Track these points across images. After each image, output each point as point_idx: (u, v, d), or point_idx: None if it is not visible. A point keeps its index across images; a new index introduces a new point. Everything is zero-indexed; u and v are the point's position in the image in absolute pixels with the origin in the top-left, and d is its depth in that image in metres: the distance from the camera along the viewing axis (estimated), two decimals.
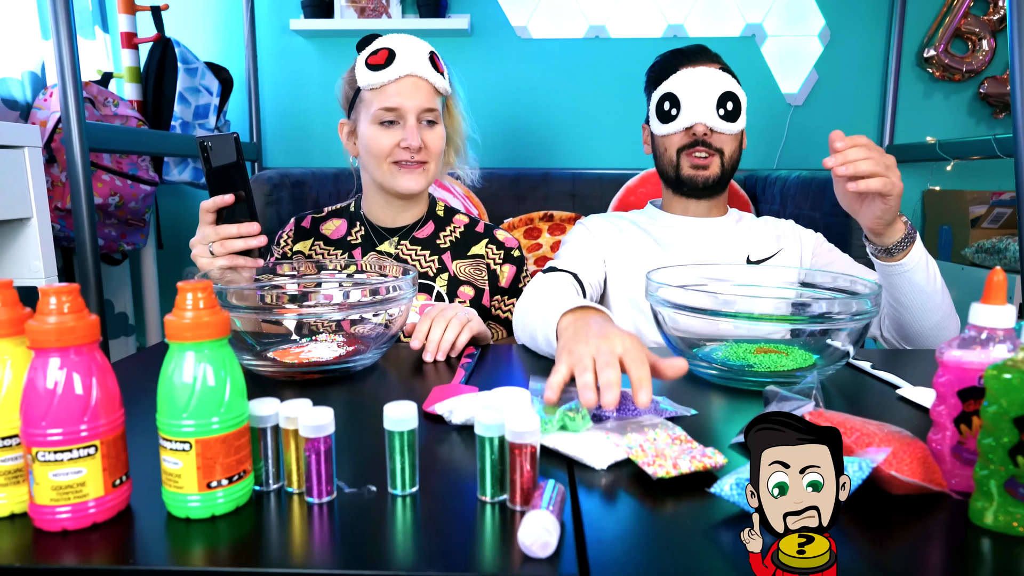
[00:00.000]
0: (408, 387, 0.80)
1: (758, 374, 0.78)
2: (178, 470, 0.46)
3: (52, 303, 0.44)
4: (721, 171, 1.19)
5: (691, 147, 1.18)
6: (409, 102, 1.09)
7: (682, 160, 1.19)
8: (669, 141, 1.20)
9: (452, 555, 0.44)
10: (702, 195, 1.22)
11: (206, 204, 0.90)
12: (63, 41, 1.31)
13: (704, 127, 1.16)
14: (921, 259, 0.96)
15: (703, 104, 1.15)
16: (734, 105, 1.16)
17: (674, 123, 1.17)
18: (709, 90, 1.15)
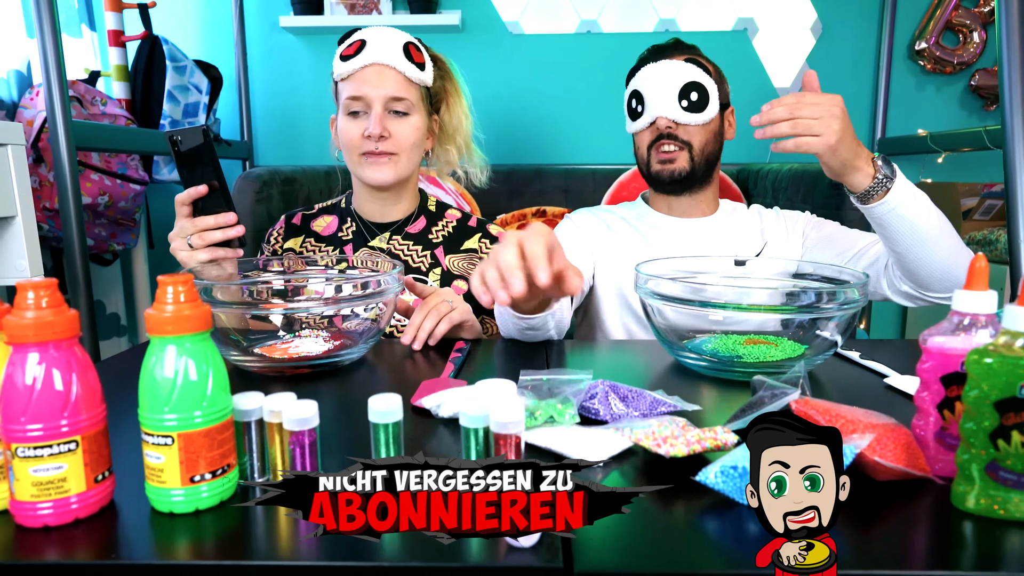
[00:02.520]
0: (396, 381, 0.80)
1: (747, 365, 0.78)
2: (161, 464, 0.46)
3: (30, 298, 0.44)
4: (691, 165, 1.17)
5: (658, 142, 1.18)
6: (373, 90, 1.08)
7: (651, 156, 1.20)
8: (640, 139, 1.21)
9: (437, 546, 0.43)
10: (672, 189, 1.21)
11: (180, 197, 0.90)
12: (47, 39, 1.30)
13: (666, 120, 1.16)
14: (906, 195, 0.92)
15: (664, 97, 1.15)
16: (699, 95, 1.14)
17: (640, 119, 1.18)
18: (670, 83, 1.14)
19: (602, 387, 0.65)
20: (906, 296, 1.04)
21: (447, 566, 0.42)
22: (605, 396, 0.64)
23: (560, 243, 0.69)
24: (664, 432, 0.54)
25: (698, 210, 1.24)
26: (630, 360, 0.90)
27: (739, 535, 0.45)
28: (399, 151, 1.11)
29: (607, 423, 0.62)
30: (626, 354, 0.94)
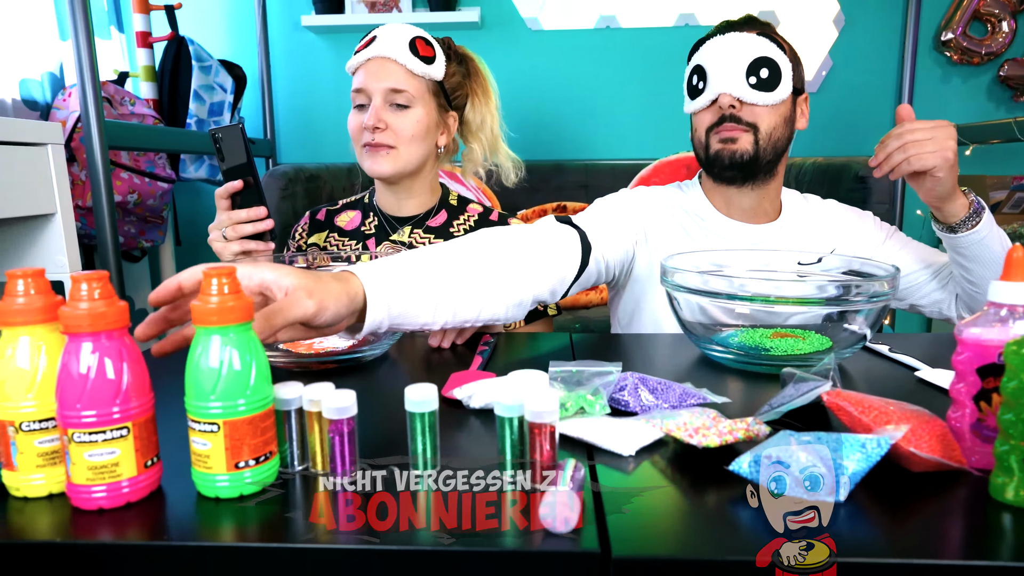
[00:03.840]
0: (422, 375, 0.81)
1: (775, 358, 0.78)
2: (207, 451, 0.47)
3: (84, 289, 0.46)
4: (755, 149, 1.03)
5: (719, 123, 1.04)
6: (373, 83, 1.11)
7: (710, 138, 1.06)
8: (699, 120, 1.08)
9: (474, 531, 0.44)
10: (733, 177, 1.06)
11: (219, 191, 0.96)
12: (81, 41, 1.33)
13: (730, 97, 1.02)
14: (989, 234, 0.93)
15: (730, 72, 1.01)
16: (771, 72, 1.01)
17: (701, 97, 1.05)
18: (738, 57, 1.01)
19: (631, 379, 0.65)
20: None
21: (485, 551, 0.43)
22: (635, 388, 0.64)
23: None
24: (696, 423, 0.55)
25: (762, 212, 1.11)
26: (656, 353, 0.90)
27: (770, 523, 0.45)
28: (397, 144, 1.12)
29: (637, 415, 0.63)
30: (652, 347, 0.94)
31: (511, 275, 0.81)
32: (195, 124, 2.04)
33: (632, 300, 1.15)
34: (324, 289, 0.60)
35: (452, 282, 0.73)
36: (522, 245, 0.84)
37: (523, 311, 0.85)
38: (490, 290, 0.78)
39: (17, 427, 0.47)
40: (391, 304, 0.66)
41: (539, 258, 0.86)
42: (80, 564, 0.44)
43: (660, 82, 2.20)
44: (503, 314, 0.81)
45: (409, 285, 0.69)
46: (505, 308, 0.81)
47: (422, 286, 0.70)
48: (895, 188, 1.55)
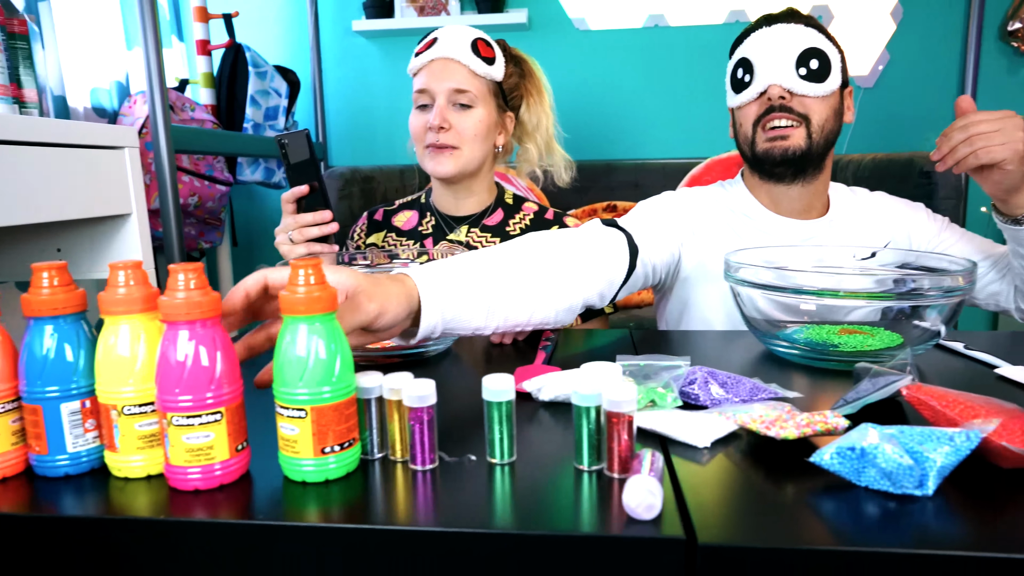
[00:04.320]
0: (484, 370, 0.81)
1: (843, 354, 0.77)
2: (294, 436, 0.49)
3: (181, 280, 0.48)
4: (808, 143, 1.01)
5: (767, 115, 1.02)
6: (437, 83, 1.12)
7: (757, 134, 1.04)
8: (744, 114, 1.06)
9: (554, 517, 0.45)
10: (782, 174, 1.04)
11: (286, 195, 0.97)
12: (151, 50, 1.38)
13: (779, 88, 1.00)
14: None
15: (779, 63, 1.00)
16: (820, 63, 0.99)
17: (747, 90, 1.03)
18: (787, 48, 1.00)
19: (701, 373, 0.65)
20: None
21: (568, 535, 0.43)
22: (704, 382, 0.64)
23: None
24: (771, 416, 0.54)
25: (811, 207, 1.08)
26: (717, 348, 0.89)
27: (855, 515, 0.45)
28: (460, 144, 1.14)
29: (707, 408, 0.63)
30: (713, 342, 0.93)
31: (561, 279, 0.80)
32: (251, 128, 2.10)
33: (680, 302, 1.14)
34: (384, 292, 0.60)
35: (504, 287, 0.73)
36: (571, 249, 0.84)
37: (572, 315, 0.84)
38: (541, 294, 0.77)
39: (119, 411, 0.50)
40: (444, 308, 0.66)
41: (588, 262, 0.85)
42: (177, 541, 0.46)
43: (710, 80, 2.17)
44: (553, 318, 0.81)
45: (462, 290, 0.68)
46: (555, 312, 0.80)
47: (475, 291, 0.70)
48: (961, 183, 1.50)
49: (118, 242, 1.04)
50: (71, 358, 0.51)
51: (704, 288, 1.10)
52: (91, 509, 0.48)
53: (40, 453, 0.51)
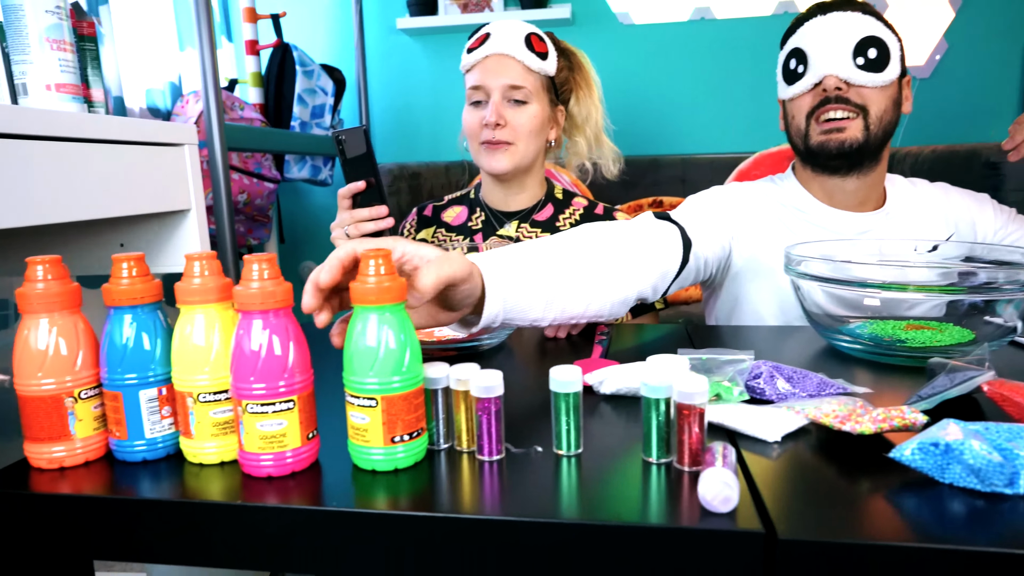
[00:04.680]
0: (538, 364, 0.81)
1: (911, 350, 0.75)
2: (364, 425, 0.50)
3: (255, 270, 0.49)
4: (865, 135, 0.97)
5: (822, 107, 0.98)
6: (492, 80, 1.12)
7: (811, 126, 1.00)
8: (797, 106, 1.02)
9: (623, 509, 0.45)
10: (838, 167, 1.01)
11: (342, 191, 0.98)
12: (205, 51, 1.42)
13: (836, 79, 0.96)
14: None
15: (836, 53, 0.96)
16: (879, 52, 0.95)
17: (801, 81, 1.00)
18: (844, 37, 0.96)
19: (766, 367, 0.64)
20: None
21: (639, 525, 0.43)
22: (770, 376, 0.63)
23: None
24: (844, 411, 0.53)
25: (867, 200, 1.05)
26: (775, 343, 0.88)
27: (940, 512, 0.43)
28: (516, 140, 1.14)
29: (773, 402, 0.61)
30: (769, 337, 0.92)
31: (617, 272, 0.79)
32: (298, 126, 2.13)
33: (730, 298, 1.12)
34: (468, 262, 0.60)
35: (561, 278, 0.72)
36: (626, 241, 0.83)
37: (626, 308, 0.83)
38: (597, 287, 0.76)
39: (195, 398, 0.51)
40: (507, 297, 0.65)
41: (642, 255, 0.84)
42: (250, 526, 0.47)
43: (758, 73, 2.13)
44: (607, 311, 0.79)
45: (523, 280, 0.68)
46: (610, 304, 0.79)
47: (535, 281, 0.69)
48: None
49: (178, 237, 1.07)
50: (148, 346, 0.52)
51: (756, 284, 1.07)
52: (167, 493, 0.49)
53: (120, 438, 0.53)
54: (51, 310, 0.51)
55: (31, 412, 0.52)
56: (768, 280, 1.06)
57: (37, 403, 0.52)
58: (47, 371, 0.51)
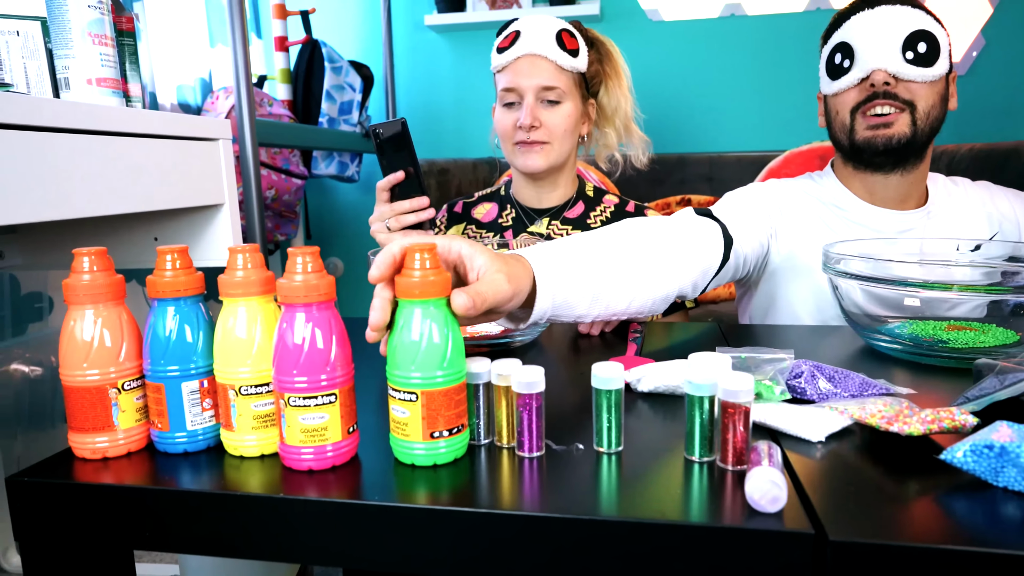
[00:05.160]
0: (572, 361, 0.81)
1: (953, 350, 0.73)
2: (405, 419, 0.50)
3: (299, 263, 0.49)
4: (913, 130, 0.96)
5: (869, 102, 0.97)
6: (525, 81, 1.11)
7: (857, 121, 0.99)
8: (841, 101, 1.00)
9: (667, 508, 0.44)
10: (883, 163, 0.99)
11: (381, 183, 0.98)
12: (238, 47, 1.43)
13: (884, 74, 0.94)
14: None
15: (885, 47, 0.95)
16: (929, 46, 0.94)
17: (847, 76, 0.98)
18: (893, 30, 0.95)
19: (807, 367, 0.63)
20: None
21: (685, 524, 0.42)
22: (811, 376, 0.62)
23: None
24: (891, 411, 0.52)
25: (909, 198, 1.03)
26: (811, 342, 0.86)
27: (993, 516, 0.42)
28: (551, 139, 1.13)
29: (815, 402, 0.60)
30: (805, 336, 0.90)
31: (659, 268, 0.78)
32: (326, 123, 2.15)
33: (766, 296, 1.11)
34: (515, 274, 0.57)
35: (607, 274, 0.71)
36: (669, 238, 0.81)
37: (666, 305, 0.82)
38: (640, 283, 0.75)
39: (237, 391, 0.51)
40: (556, 293, 0.64)
41: (684, 251, 0.83)
42: (290, 518, 0.47)
43: (790, 70, 2.10)
44: (648, 307, 0.78)
45: (572, 276, 0.66)
46: (652, 301, 0.78)
47: (582, 278, 0.67)
48: None
49: (211, 232, 1.08)
50: (191, 339, 0.53)
51: (794, 282, 1.06)
52: (207, 484, 0.50)
53: (161, 430, 0.53)
54: (96, 301, 0.52)
55: (76, 402, 0.52)
56: (806, 278, 1.04)
57: (82, 393, 0.52)
58: (92, 362, 0.52)
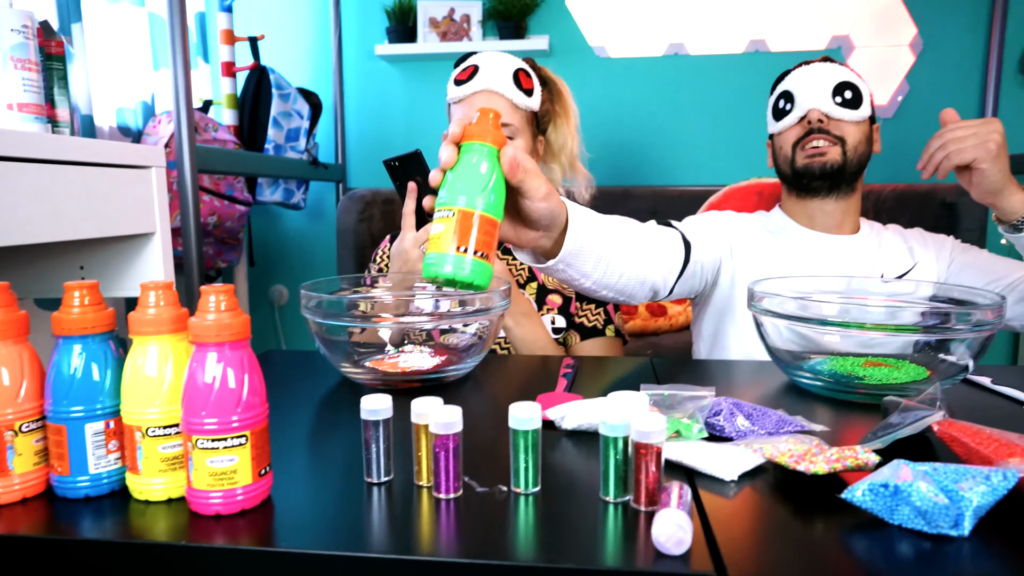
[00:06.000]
0: (505, 396, 0.81)
1: (869, 387, 0.76)
2: (439, 233, 0.59)
3: (211, 301, 0.48)
4: (844, 159, 1.12)
5: (807, 137, 1.13)
6: None
7: (797, 153, 1.15)
8: (785, 138, 1.17)
9: (580, 550, 0.44)
10: (820, 187, 1.14)
11: (406, 209, 1.04)
12: (179, 72, 1.41)
13: (819, 112, 1.12)
14: None
15: (817, 92, 1.13)
16: (853, 94, 1.12)
17: (789, 116, 1.16)
18: (824, 80, 1.13)
19: (726, 404, 0.64)
20: None
21: (593, 569, 0.42)
22: (730, 413, 0.63)
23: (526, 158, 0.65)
24: (800, 450, 0.53)
25: (844, 224, 1.18)
26: (741, 379, 0.88)
27: (889, 555, 0.44)
28: None
29: (733, 440, 0.62)
30: (736, 373, 0.92)
31: (643, 254, 0.89)
32: (272, 149, 2.13)
33: (716, 315, 1.19)
34: (554, 193, 0.69)
35: (613, 243, 0.82)
36: (649, 234, 0.94)
37: (643, 292, 0.93)
38: (633, 261, 0.87)
39: (144, 432, 0.50)
40: (578, 237, 0.75)
41: (656, 247, 0.94)
42: (196, 567, 0.46)
43: (730, 109, 2.18)
44: (630, 289, 0.89)
45: (591, 230, 0.77)
46: (637, 284, 0.89)
47: (597, 236, 0.79)
48: (986, 214, 1.48)
49: (141, 261, 1.05)
50: (98, 378, 0.51)
51: (740, 305, 1.16)
52: (110, 532, 0.48)
53: (62, 474, 0.51)
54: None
55: None
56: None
57: None
58: None
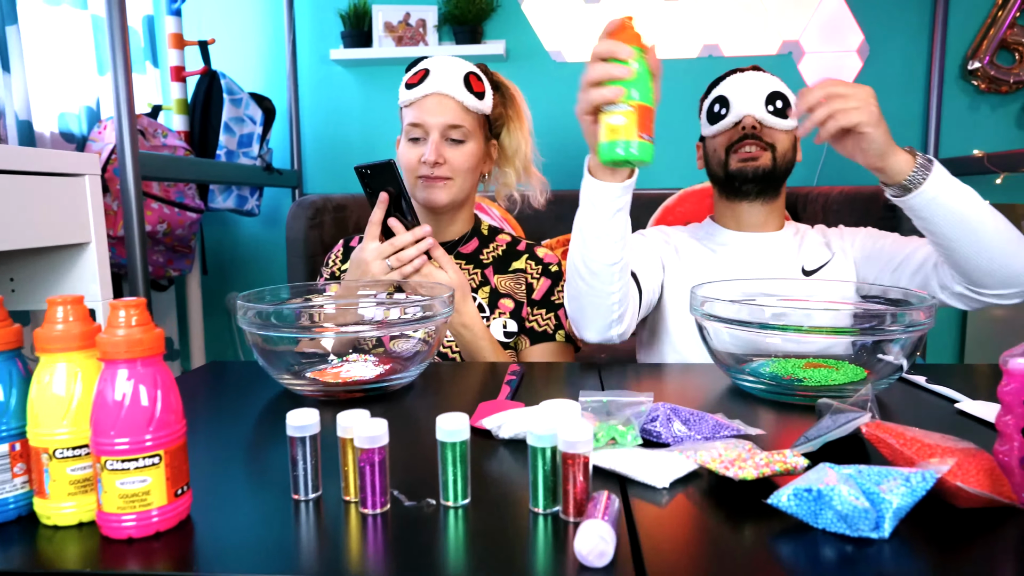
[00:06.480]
0: (449, 405, 0.80)
1: (808, 388, 0.77)
2: (621, 125, 0.76)
3: (121, 316, 0.46)
4: (773, 165, 1.17)
5: (740, 142, 1.18)
6: (432, 119, 1.12)
7: (730, 157, 1.19)
8: (719, 141, 1.21)
9: (506, 565, 0.43)
10: (749, 191, 1.19)
11: (373, 218, 1.03)
12: (120, 76, 1.37)
13: (752, 119, 1.17)
14: (947, 183, 0.90)
15: (751, 99, 1.17)
16: (784, 104, 1.18)
17: (723, 121, 1.20)
18: (758, 88, 1.18)
19: (663, 409, 0.64)
20: (959, 297, 1.00)
21: None
22: (667, 419, 0.63)
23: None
24: (730, 455, 0.54)
25: (768, 224, 1.24)
26: (686, 383, 0.89)
27: (813, 559, 0.44)
28: (454, 176, 1.15)
29: (669, 446, 0.62)
30: (682, 377, 0.93)
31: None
32: (224, 155, 2.08)
33: (651, 322, 1.24)
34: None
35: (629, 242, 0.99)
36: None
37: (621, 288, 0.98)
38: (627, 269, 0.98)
39: (51, 454, 0.47)
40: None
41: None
42: None
43: (684, 113, 2.20)
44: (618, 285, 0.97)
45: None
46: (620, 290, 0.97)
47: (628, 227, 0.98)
48: None
49: (76, 272, 1.01)
50: (2, 397, 0.49)
51: (677, 319, 1.20)
52: (16, 561, 0.45)
53: None
54: None
55: None
56: (684, 309, 1.17)
57: None
58: None
